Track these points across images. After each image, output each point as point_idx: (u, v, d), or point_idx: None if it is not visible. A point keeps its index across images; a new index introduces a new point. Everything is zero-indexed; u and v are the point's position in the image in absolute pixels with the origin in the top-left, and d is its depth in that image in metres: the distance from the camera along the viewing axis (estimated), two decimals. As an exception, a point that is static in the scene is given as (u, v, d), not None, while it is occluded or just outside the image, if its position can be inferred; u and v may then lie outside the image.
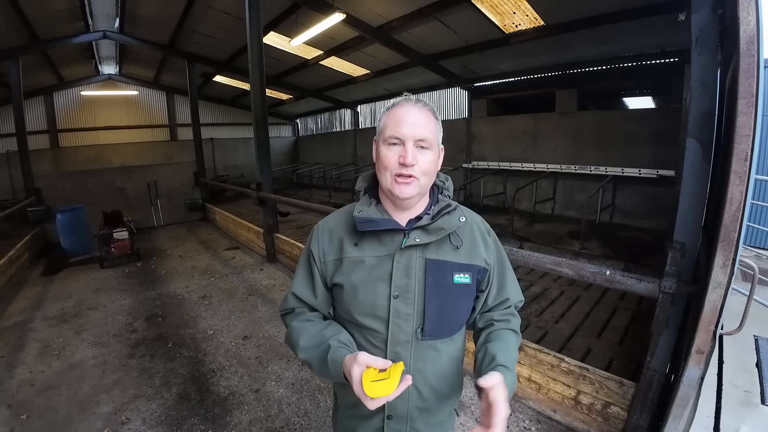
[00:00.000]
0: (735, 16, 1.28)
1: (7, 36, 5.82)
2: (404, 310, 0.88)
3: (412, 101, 0.87)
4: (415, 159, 0.84)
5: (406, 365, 0.89)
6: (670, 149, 5.05)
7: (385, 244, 0.90)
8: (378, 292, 0.88)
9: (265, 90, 5.18)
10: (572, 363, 2.28)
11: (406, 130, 0.83)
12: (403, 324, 0.89)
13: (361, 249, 0.91)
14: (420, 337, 0.90)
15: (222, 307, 4.24)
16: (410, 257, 0.88)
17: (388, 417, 0.94)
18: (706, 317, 1.47)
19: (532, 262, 2.16)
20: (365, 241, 0.91)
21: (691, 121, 1.62)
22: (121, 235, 5.93)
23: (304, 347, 0.89)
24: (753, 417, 2.25)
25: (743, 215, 1.33)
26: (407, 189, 0.85)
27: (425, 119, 0.85)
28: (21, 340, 3.58)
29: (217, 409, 2.55)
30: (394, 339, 0.89)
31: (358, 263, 0.90)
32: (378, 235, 0.90)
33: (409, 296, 0.88)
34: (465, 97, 8.01)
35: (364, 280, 0.89)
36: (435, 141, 0.87)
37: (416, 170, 0.84)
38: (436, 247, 0.91)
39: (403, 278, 0.88)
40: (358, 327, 0.92)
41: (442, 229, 0.88)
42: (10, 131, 7.67)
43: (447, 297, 0.91)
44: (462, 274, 0.91)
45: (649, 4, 3.94)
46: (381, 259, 0.89)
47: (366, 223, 0.88)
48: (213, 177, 10.76)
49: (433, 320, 0.90)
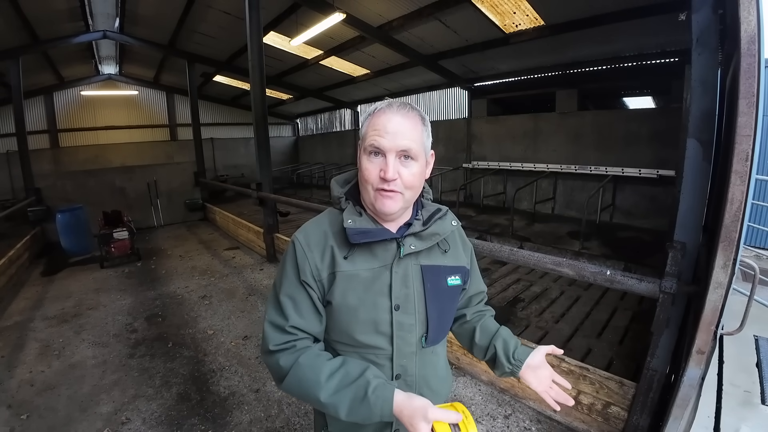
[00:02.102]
0: (736, 16, 1.28)
1: (7, 36, 5.82)
2: (407, 321, 0.85)
3: (394, 107, 0.79)
4: (397, 173, 0.77)
5: (411, 376, 0.88)
6: (670, 149, 5.05)
7: (377, 256, 0.84)
8: (379, 307, 0.82)
9: (265, 90, 5.18)
10: (572, 363, 2.28)
11: (387, 141, 0.76)
12: (407, 336, 0.85)
13: (353, 262, 0.82)
14: (423, 345, 0.88)
15: (222, 307, 4.24)
16: (407, 266, 0.85)
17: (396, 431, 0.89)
18: (706, 317, 1.47)
19: (533, 262, 2.16)
20: (356, 254, 0.83)
21: (691, 121, 1.62)
22: (121, 235, 5.93)
23: (330, 386, 0.75)
24: (753, 417, 2.25)
25: (744, 215, 1.33)
26: (390, 204, 0.79)
27: (410, 127, 0.77)
28: (21, 340, 3.58)
29: (217, 409, 2.54)
30: (400, 353, 0.85)
31: (352, 278, 0.82)
32: (370, 246, 0.83)
33: (410, 306, 0.85)
34: (465, 97, 8.01)
35: (362, 296, 0.81)
36: (421, 150, 0.80)
37: (398, 185, 0.78)
38: (427, 253, 0.88)
39: (402, 288, 0.84)
40: (357, 347, 0.84)
41: (436, 234, 0.86)
42: (10, 131, 7.67)
43: (444, 301, 0.90)
44: (454, 276, 0.92)
45: (649, 4, 3.94)
46: (376, 271, 0.83)
47: (361, 234, 0.80)
48: (213, 177, 10.75)
49: (435, 326, 0.88)
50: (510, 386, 2.60)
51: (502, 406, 2.51)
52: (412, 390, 0.87)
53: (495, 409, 2.47)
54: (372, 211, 0.84)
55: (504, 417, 2.42)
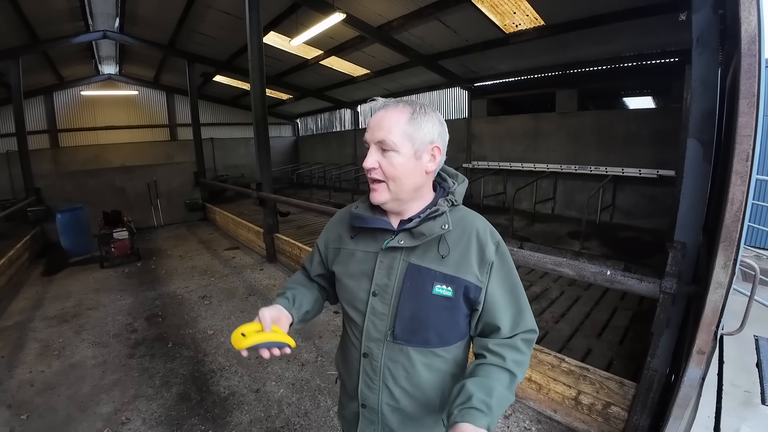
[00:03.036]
0: (736, 15, 1.28)
1: (7, 36, 5.81)
2: (380, 309, 0.90)
3: (380, 103, 0.88)
4: (376, 162, 0.84)
5: (376, 361, 0.92)
6: (670, 149, 5.05)
7: (377, 242, 0.92)
8: (360, 286, 0.93)
9: (265, 90, 5.17)
10: (572, 363, 2.28)
11: (368, 134, 0.86)
12: (377, 322, 0.91)
13: (356, 242, 0.96)
14: (390, 339, 0.90)
15: (222, 307, 4.24)
16: (394, 258, 0.89)
17: (362, 405, 0.97)
18: (707, 317, 1.47)
19: (533, 262, 2.16)
20: (361, 236, 0.95)
21: (691, 121, 1.62)
22: (121, 235, 5.93)
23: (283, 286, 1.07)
24: (753, 417, 2.25)
25: (744, 215, 1.33)
26: (375, 195, 0.87)
27: (391, 121, 0.82)
28: (21, 340, 3.57)
29: (217, 409, 2.54)
30: (368, 335, 0.92)
31: (351, 255, 0.96)
32: (372, 232, 0.93)
33: (387, 296, 0.89)
34: (465, 97, 8.00)
35: (353, 272, 0.94)
36: (402, 142, 0.81)
37: (378, 174, 0.85)
38: (421, 252, 0.88)
39: (384, 278, 0.89)
40: (346, 316, 1.00)
41: (422, 235, 0.86)
42: (10, 131, 7.66)
43: (424, 306, 0.86)
44: (443, 285, 0.85)
45: (649, 4, 3.94)
46: (369, 255, 0.92)
47: (357, 219, 0.94)
48: (213, 177, 10.74)
49: (405, 325, 0.88)
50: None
51: (502, 406, 2.50)
52: (376, 376, 0.93)
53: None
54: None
55: (504, 417, 2.42)
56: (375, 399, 0.95)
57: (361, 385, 0.96)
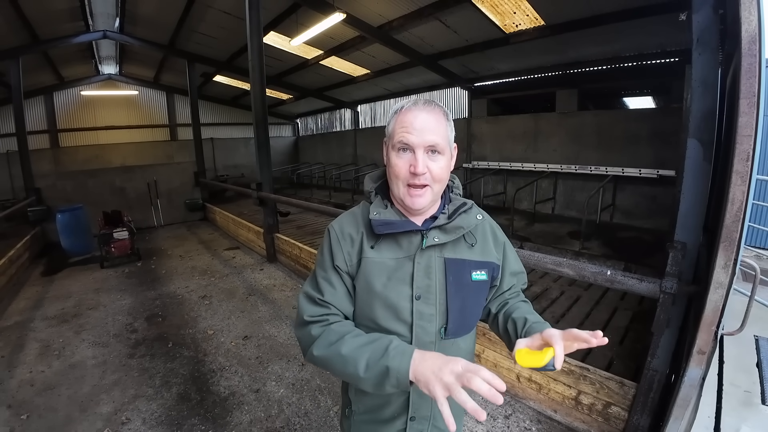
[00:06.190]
0: (736, 15, 1.28)
1: (7, 36, 5.82)
2: (427, 311, 0.87)
3: (420, 103, 0.83)
4: (426, 167, 0.82)
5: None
6: (670, 149, 5.05)
7: (402, 246, 0.88)
8: (400, 294, 0.86)
9: (265, 90, 5.17)
10: (573, 363, 2.27)
11: (415, 137, 0.80)
12: (426, 325, 0.88)
13: (379, 251, 0.88)
14: (443, 337, 0.90)
15: (222, 307, 4.24)
16: (430, 257, 0.88)
17: (411, 418, 0.93)
18: (707, 317, 1.47)
19: (533, 262, 2.16)
20: (382, 244, 0.88)
21: (692, 121, 1.62)
22: (121, 235, 5.93)
23: (355, 342, 0.77)
24: (753, 417, 2.24)
25: (745, 215, 1.33)
26: (419, 201, 0.84)
27: (435, 122, 0.82)
28: (21, 340, 3.57)
29: (217, 409, 2.54)
30: (419, 341, 0.87)
31: (378, 265, 0.87)
32: (395, 237, 0.88)
33: (431, 297, 0.87)
34: (465, 97, 8.00)
35: (386, 283, 0.86)
36: (446, 144, 0.84)
37: (427, 178, 0.83)
38: (452, 246, 0.90)
39: (424, 279, 0.87)
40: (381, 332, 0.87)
41: (460, 228, 0.88)
42: (10, 131, 7.67)
43: (467, 295, 0.91)
44: (479, 271, 0.91)
45: (649, 4, 3.94)
46: (400, 261, 0.87)
47: (384, 225, 0.85)
48: (213, 177, 10.74)
49: (456, 319, 0.90)
50: (510, 386, 2.60)
51: (503, 406, 2.51)
52: None
53: (495, 409, 2.47)
54: (401, 205, 0.89)
55: (504, 417, 2.42)
56: (427, 406, 0.93)
57: (413, 398, 0.91)
